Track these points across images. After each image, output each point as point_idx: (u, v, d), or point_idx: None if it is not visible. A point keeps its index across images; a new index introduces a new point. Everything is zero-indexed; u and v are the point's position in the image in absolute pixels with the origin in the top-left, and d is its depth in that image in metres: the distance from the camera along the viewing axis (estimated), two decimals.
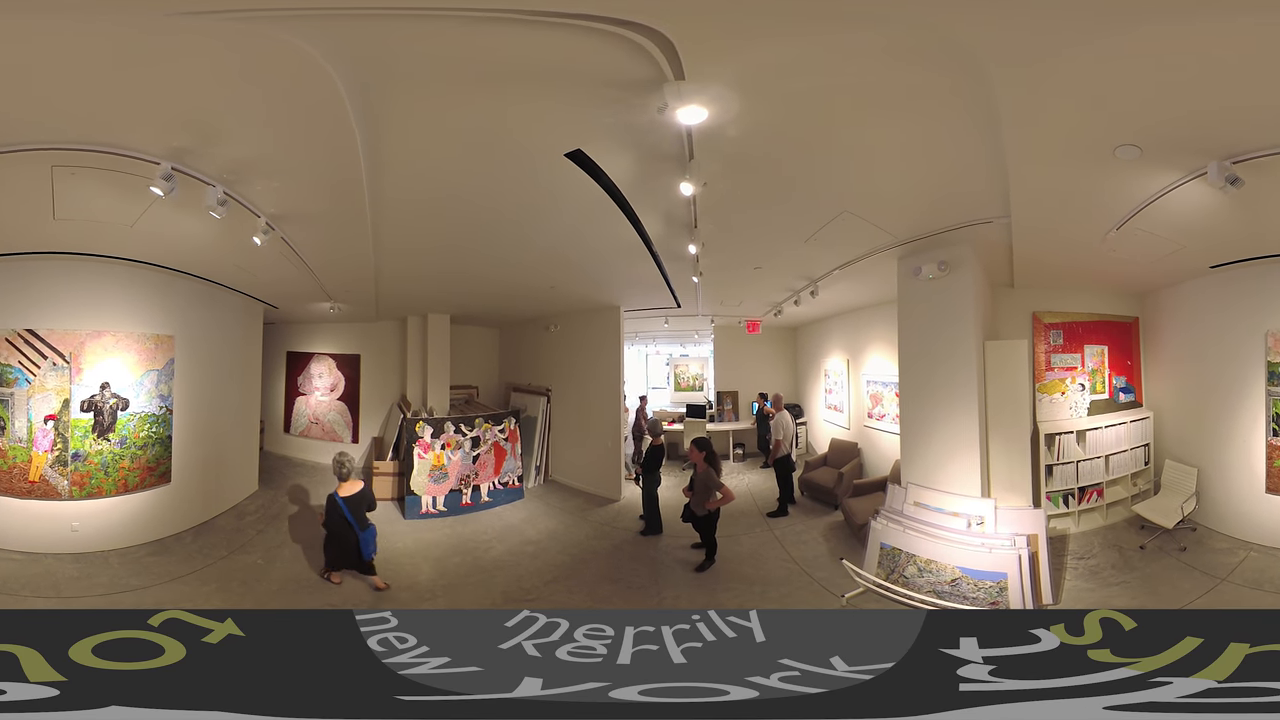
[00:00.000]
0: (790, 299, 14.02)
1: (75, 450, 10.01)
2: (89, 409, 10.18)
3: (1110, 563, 9.46)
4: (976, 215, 8.21)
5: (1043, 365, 10.88)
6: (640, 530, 12.30)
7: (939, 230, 8.80)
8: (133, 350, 10.68)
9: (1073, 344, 11.06)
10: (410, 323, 16.60)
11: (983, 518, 8.95)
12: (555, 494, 15.15)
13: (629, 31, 4.48)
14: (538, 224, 9.18)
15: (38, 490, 9.74)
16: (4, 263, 9.47)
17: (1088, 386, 11.07)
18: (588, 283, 13.20)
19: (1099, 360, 11.20)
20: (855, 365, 15.54)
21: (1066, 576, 9.17)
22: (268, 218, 8.11)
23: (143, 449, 10.73)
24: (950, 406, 9.65)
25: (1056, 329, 11.02)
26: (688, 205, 7.92)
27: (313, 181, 7.51)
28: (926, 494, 9.56)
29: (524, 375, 18.24)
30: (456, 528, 12.61)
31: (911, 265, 9.85)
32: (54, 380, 9.93)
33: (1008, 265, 9.81)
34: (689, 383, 22.36)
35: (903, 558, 9.14)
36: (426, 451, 13.56)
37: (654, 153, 6.47)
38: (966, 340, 9.51)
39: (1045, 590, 8.53)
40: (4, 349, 9.71)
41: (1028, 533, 8.68)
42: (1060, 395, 10.93)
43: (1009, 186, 7.03)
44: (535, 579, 10.07)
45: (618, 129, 6.01)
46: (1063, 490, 10.52)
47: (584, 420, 15.80)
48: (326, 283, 12.33)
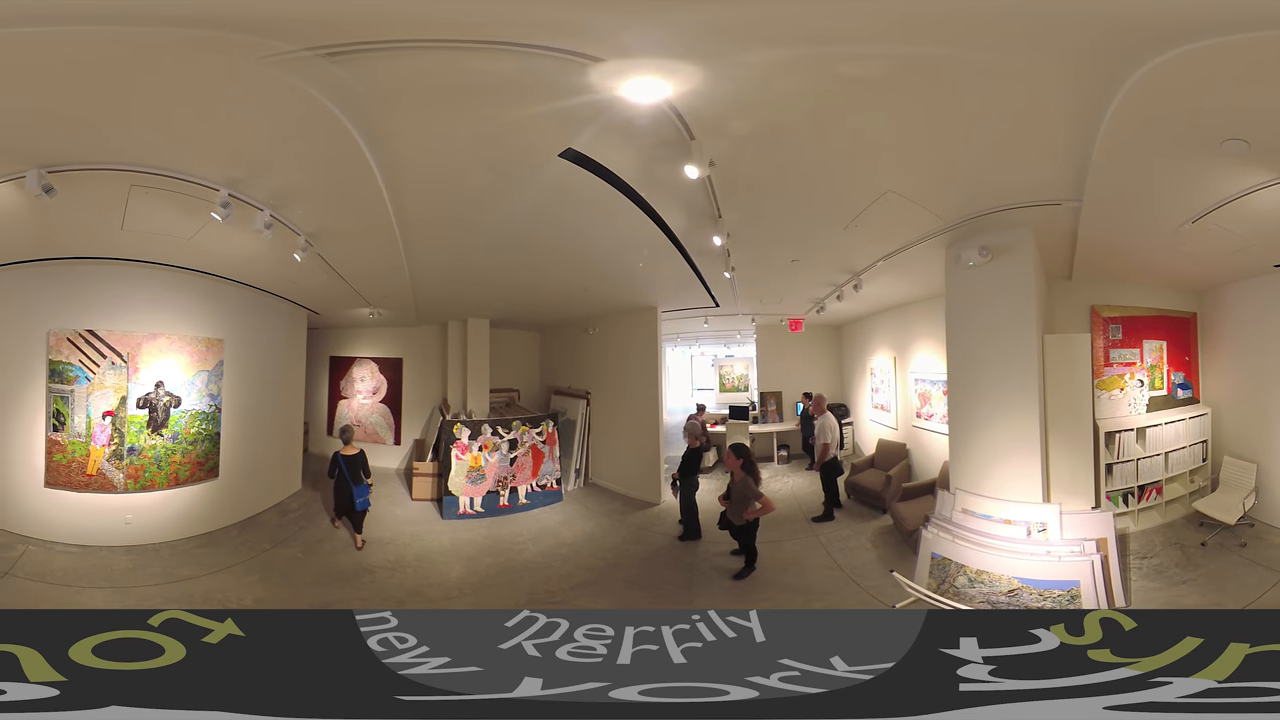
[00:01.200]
0: (833, 294, 13.67)
1: (131, 444, 10.42)
2: (144, 406, 10.59)
3: (1174, 561, 9.21)
4: (1040, 196, 7.78)
5: (1101, 361, 10.51)
6: (679, 535, 12.17)
7: (991, 210, 8.26)
8: (185, 352, 11.13)
9: (1132, 339, 10.71)
10: (450, 327, 16.79)
11: (1045, 524, 8.48)
12: (594, 497, 15.13)
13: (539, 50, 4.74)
14: (554, 227, 9.23)
15: (95, 483, 10.12)
16: (69, 266, 9.91)
17: (1147, 382, 10.74)
18: (618, 284, 13.15)
19: (1158, 356, 10.86)
20: (902, 363, 15.14)
21: (1132, 577, 8.89)
22: (306, 236, 8.69)
23: (193, 444, 11.15)
24: (1005, 406, 9.06)
25: (1116, 323, 10.65)
26: (706, 193, 7.71)
27: (339, 203, 8.14)
28: (974, 500, 9.06)
29: (564, 378, 18.26)
30: (493, 529, 12.68)
31: (956, 253, 9.37)
32: (112, 378, 10.35)
33: (1065, 255, 9.42)
34: (734, 383, 22.23)
35: (953, 568, 8.74)
36: (464, 453, 13.65)
37: (653, 141, 6.36)
38: (1026, 334, 8.96)
39: (1118, 594, 8.20)
40: (66, 348, 10.11)
41: (1096, 537, 8.29)
42: (1119, 391, 10.59)
43: (1089, 170, 6.68)
44: (563, 582, 10.05)
45: (594, 122, 5.96)
46: (1122, 489, 10.20)
47: (623, 423, 15.74)
48: (364, 292, 12.75)
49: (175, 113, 5.80)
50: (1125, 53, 4.78)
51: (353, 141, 6.12)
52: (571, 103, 5.48)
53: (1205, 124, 5.67)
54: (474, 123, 6.02)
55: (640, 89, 5.26)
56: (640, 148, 6.59)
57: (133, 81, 5.17)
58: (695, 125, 5.98)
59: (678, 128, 6.00)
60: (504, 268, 11.36)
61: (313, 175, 7.39)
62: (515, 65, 4.89)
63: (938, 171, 7.53)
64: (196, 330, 11.30)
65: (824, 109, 5.92)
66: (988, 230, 8.78)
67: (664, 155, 6.60)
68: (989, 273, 9.05)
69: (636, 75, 5.10)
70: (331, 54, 4.76)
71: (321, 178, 7.43)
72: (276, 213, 7.93)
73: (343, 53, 4.73)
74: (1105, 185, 6.95)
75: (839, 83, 5.34)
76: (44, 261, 9.67)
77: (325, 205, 8.20)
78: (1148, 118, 5.57)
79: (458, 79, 5.21)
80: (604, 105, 5.51)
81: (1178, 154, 6.25)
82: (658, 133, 6.13)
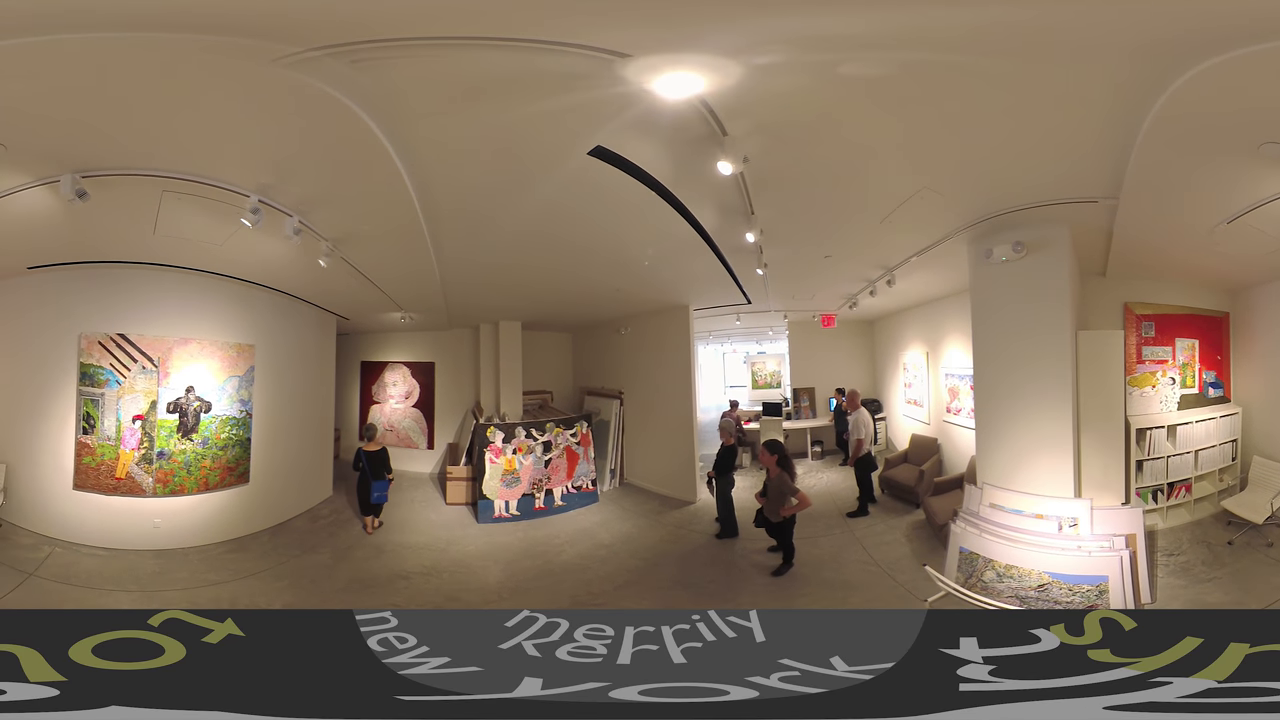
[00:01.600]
0: (865, 289, 13.67)
1: (160, 449, 10.54)
2: (174, 410, 10.70)
3: (1200, 559, 9.15)
4: (1077, 193, 7.74)
5: (1133, 358, 10.47)
6: (716, 533, 12.17)
7: (1027, 205, 8.23)
8: (216, 357, 11.27)
9: (1164, 337, 10.65)
10: (482, 330, 16.89)
11: (1076, 519, 8.47)
12: (630, 497, 15.15)
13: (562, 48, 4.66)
14: (586, 227, 9.22)
15: (123, 487, 10.24)
16: (102, 269, 10.06)
17: (1178, 380, 10.67)
18: (650, 283, 13.11)
19: (1190, 354, 10.80)
20: (934, 358, 15.19)
21: (1159, 574, 8.85)
22: (331, 242, 8.76)
23: (224, 449, 11.26)
24: (1036, 401, 9.06)
25: (1149, 320, 10.60)
26: (738, 189, 7.65)
27: (369, 207, 8.18)
28: (1002, 495, 9.07)
29: (597, 379, 18.31)
30: (529, 531, 12.69)
31: (983, 248, 9.27)
32: (143, 383, 10.49)
33: (1100, 251, 9.38)
34: (766, 380, 22.17)
35: (980, 562, 8.76)
36: (498, 456, 13.72)
37: (684, 138, 6.30)
38: (1059, 330, 8.94)
39: (1144, 590, 8.19)
40: (97, 351, 10.25)
41: (1125, 532, 8.29)
42: (1151, 389, 10.55)
43: (1127, 169, 6.69)
44: (605, 583, 10.03)
45: (627, 119, 5.89)
46: (1152, 486, 10.16)
47: (657, 422, 15.75)
48: (395, 296, 12.82)
49: (204, 119, 5.89)
50: (1170, 59, 4.83)
51: (379, 144, 6.13)
52: (601, 99, 5.45)
53: (1244, 127, 5.71)
54: (501, 121, 5.96)
55: (673, 84, 5.21)
56: (671, 145, 6.56)
57: (161, 88, 5.25)
58: (728, 121, 5.94)
59: (710, 124, 5.96)
60: (536, 269, 11.40)
61: (341, 180, 7.42)
62: (543, 62, 4.85)
63: (973, 168, 7.50)
64: (227, 335, 11.44)
65: (861, 105, 5.89)
66: (1022, 226, 8.73)
67: (696, 152, 6.55)
68: (1023, 268, 9.00)
69: (670, 71, 5.06)
70: (355, 58, 4.79)
71: (350, 182, 7.46)
72: (305, 218, 8.03)
73: (366, 51, 4.72)
74: (1142, 184, 7.01)
75: (877, 80, 5.33)
76: (77, 265, 9.80)
77: (354, 209, 8.26)
78: (1188, 120, 5.60)
79: (484, 77, 5.18)
80: (634, 101, 5.47)
81: (1215, 156, 6.29)
82: (689, 129, 6.08)
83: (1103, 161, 6.77)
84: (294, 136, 6.36)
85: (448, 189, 7.50)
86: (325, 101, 5.33)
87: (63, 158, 6.40)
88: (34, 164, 6.50)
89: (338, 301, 13.64)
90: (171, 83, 5.15)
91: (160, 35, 4.41)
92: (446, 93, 5.47)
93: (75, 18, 4.18)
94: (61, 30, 4.29)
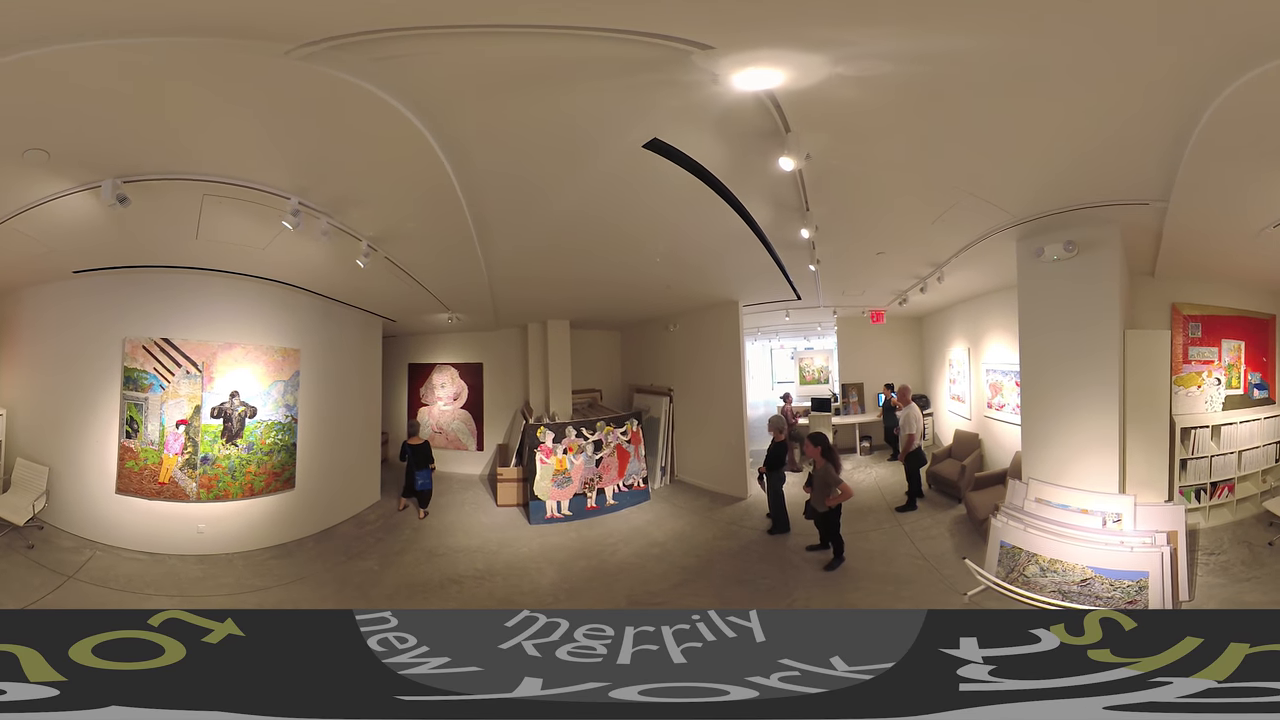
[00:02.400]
0: (916, 286, 13.55)
1: (205, 454, 10.57)
2: (219, 415, 10.74)
3: (1240, 559, 9.05)
4: (1129, 195, 7.76)
5: (1179, 358, 10.42)
6: (768, 529, 12.15)
7: (1078, 206, 8.26)
8: (261, 361, 11.30)
9: (1211, 337, 10.60)
10: (530, 329, 16.88)
11: (1120, 515, 8.50)
12: (681, 494, 15.09)
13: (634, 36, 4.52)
14: (639, 222, 9.15)
15: (166, 492, 10.27)
16: (146, 274, 10.16)
17: (1224, 381, 10.59)
18: (702, 279, 13.08)
19: (1236, 355, 10.72)
20: (976, 354, 15.07)
21: (1199, 572, 8.78)
22: (369, 240, 8.70)
23: (269, 455, 11.28)
24: (1085, 398, 9.08)
25: (1196, 321, 10.55)
26: (795, 187, 7.63)
27: (407, 202, 8.10)
28: (1050, 490, 9.07)
29: (646, 376, 18.25)
30: (582, 531, 12.67)
31: (1032, 246, 9.25)
32: (186, 387, 10.53)
33: (1150, 252, 9.34)
34: (814, 376, 22.06)
35: (1023, 557, 8.76)
36: (549, 456, 13.70)
37: (744, 131, 6.20)
38: (1108, 329, 8.97)
39: (1183, 587, 8.15)
40: (141, 355, 10.33)
41: (1167, 529, 8.28)
42: (1196, 389, 10.48)
43: (1178, 173, 6.70)
44: (661, 582, 10.00)
45: (687, 111, 5.83)
46: (1195, 485, 10.09)
47: (707, 419, 15.68)
48: (442, 295, 12.75)
49: (240, 121, 5.96)
50: (1222, 65, 4.84)
51: (424, 140, 6.07)
52: (668, 90, 5.40)
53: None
54: (556, 112, 5.87)
55: (751, 79, 5.15)
56: (728, 136, 6.44)
57: (197, 90, 5.29)
58: (793, 117, 5.86)
59: (774, 118, 5.88)
60: (585, 264, 11.33)
61: (384, 177, 7.40)
62: (611, 50, 4.73)
63: (1028, 168, 7.52)
64: (272, 340, 11.48)
65: (927, 107, 5.90)
66: (1073, 225, 8.73)
67: (752, 145, 6.48)
68: (1072, 267, 9.00)
69: (754, 67, 5.01)
70: (393, 53, 4.74)
71: (393, 179, 7.43)
72: (344, 218, 8.09)
73: (408, 42, 4.64)
74: (1193, 188, 7.02)
75: (939, 80, 5.32)
76: (122, 270, 9.92)
77: (398, 207, 8.27)
78: (1240, 125, 5.62)
79: (543, 65, 5.09)
80: (699, 91, 5.39)
81: (1265, 160, 6.32)
82: (748, 121, 5.98)
83: (1155, 164, 6.78)
84: (332, 135, 6.33)
85: (495, 183, 7.42)
86: (363, 97, 5.30)
87: (103, 163, 6.50)
88: (76, 170, 6.62)
89: (384, 304, 13.68)
90: (205, 85, 5.20)
91: (192, 40, 4.47)
92: (498, 81, 5.33)
93: (106, 24, 4.24)
94: (95, 37, 4.35)
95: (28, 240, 8.27)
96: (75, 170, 6.63)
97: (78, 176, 6.75)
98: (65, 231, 8.13)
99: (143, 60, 4.70)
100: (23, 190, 6.99)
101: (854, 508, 10.71)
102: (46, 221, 7.66)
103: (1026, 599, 8.29)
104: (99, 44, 4.40)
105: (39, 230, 7.98)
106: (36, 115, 5.53)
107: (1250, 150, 6.06)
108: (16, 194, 7.07)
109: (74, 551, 9.55)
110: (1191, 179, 6.75)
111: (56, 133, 5.89)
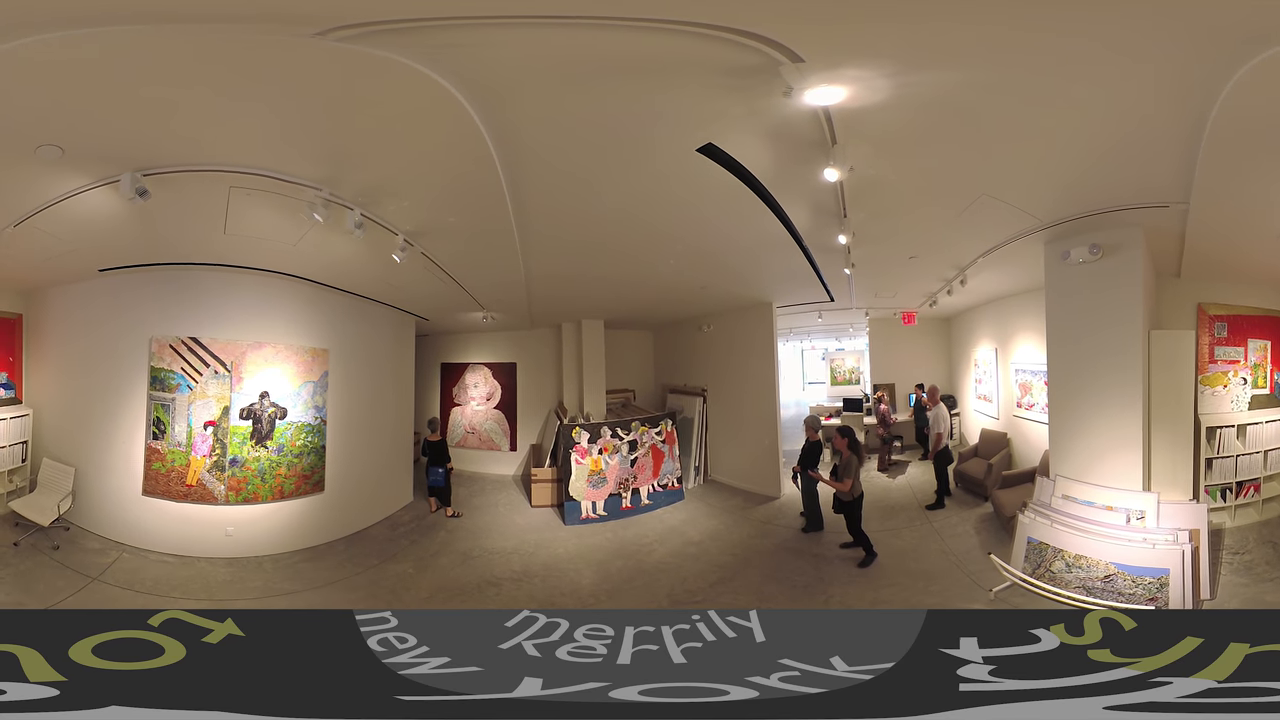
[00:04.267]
0: (944, 289, 13.65)
1: (233, 456, 10.48)
2: (248, 417, 10.66)
3: (1264, 559, 8.99)
4: (1151, 198, 7.80)
5: (1205, 357, 10.42)
6: (802, 527, 12.15)
7: (1102, 209, 8.34)
8: (291, 362, 11.22)
9: (1236, 337, 10.58)
10: (565, 329, 16.88)
11: (1143, 512, 8.56)
12: (715, 494, 15.06)
13: (727, 34, 4.45)
14: (681, 222, 9.07)
15: (194, 494, 10.20)
16: (174, 272, 10.07)
17: (1249, 380, 10.55)
18: (738, 280, 13.07)
19: (1262, 355, 10.67)
20: (1004, 354, 15.06)
21: (1222, 571, 8.73)
22: (405, 234, 8.52)
23: (299, 457, 11.20)
24: (1110, 396, 9.20)
25: (1221, 321, 10.55)
26: (835, 195, 7.67)
27: (449, 195, 7.90)
28: (1077, 487, 9.16)
29: (679, 376, 18.21)
30: (618, 532, 12.64)
31: (1059, 249, 9.40)
32: (215, 388, 10.44)
33: (1175, 253, 9.42)
34: (845, 376, 21.99)
35: (1049, 553, 8.81)
36: (584, 457, 13.70)
37: (793, 140, 6.23)
38: (1132, 329, 9.04)
39: (1204, 586, 8.11)
40: (168, 355, 10.26)
41: (1189, 528, 8.28)
42: (1222, 388, 10.45)
43: (1195, 174, 6.73)
44: (699, 580, 9.99)
45: (748, 118, 5.84)
46: (1220, 484, 10.02)
47: (741, 418, 15.66)
48: (476, 293, 12.66)
49: (266, 107, 5.75)
50: (1219, 60, 4.87)
51: (474, 127, 5.85)
52: (735, 97, 5.41)
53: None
54: (615, 108, 5.77)
55: (821, 95, 5.20)
56: (775, 142, 6.43)
57: (215, 76, 5.10)
58: (841, 130, 5.92)
59: (823, 131, 5.94)
60: (622, 264, 11.25)
61: (410, 165, 7.13)
62: (690, 51, 4.68)
63: (1051, 173, 7.55)
64: (303, 339, 11.37)
65: (961, 119, 5.99)
66: (1097, 229, 8.88)
67: (797, 153, 6.52)
68: (1097, 269, 9.15)
69: (830, 85, 5.08)
70: (453, 41, 4.63)
71: (420, 167, 7.15)
72: (380, 210, 7.91)
73: (467, 31, 4.51)
74: (1211, 189, 7.08)
75: (969, 90, 5.37)
76: (148, 267, 9.82)
77: (428, 198, 8.03)
78: (1248, 119, 5.59)
79: (610, 61, 4.98)
80: (767, 102, 5.42)
81: (1275, 160, 6.28)
82: (796, 130, 6.01)
83: (1171, 167, 6.84)
84: (372, 122, 6.07)
85: (543, 177, 7.22)
86: (410, 79, 5.07)
87: (121, 156, 6.36)
88: (93, 165, 6.49)
89: (417, 302, 13.59)
90: (225, 70, 5.01)
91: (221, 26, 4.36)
92: (564, 73, 5.19)
93: (115, 10, 4.15)
94: (101, 23, 4.25)
95: (49, 239, 8.25)
96: (92, 165, 6.49)
97: (95, 171, 6.62)
98: (87, 229, 8.05)
99: (151, 47, 4.58)
100: (39, 188, 6.91)
101: (891, 505, 11.07)
102: (67, 219, 7.58)
103: (1052, 594, 8.32)
104: (100, 31, 4.32)
105: (60, 228, 7.93)
106: (46, 109, 5.41)
107: (1262, 148, 6.04)
108: (34, 192, 7.00)
109: (99, 553, 9.58)
110: (1208, 180, 6.82)
111: (68, 128, 5.77)
